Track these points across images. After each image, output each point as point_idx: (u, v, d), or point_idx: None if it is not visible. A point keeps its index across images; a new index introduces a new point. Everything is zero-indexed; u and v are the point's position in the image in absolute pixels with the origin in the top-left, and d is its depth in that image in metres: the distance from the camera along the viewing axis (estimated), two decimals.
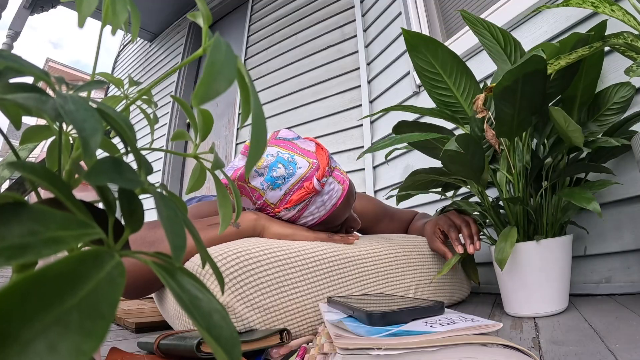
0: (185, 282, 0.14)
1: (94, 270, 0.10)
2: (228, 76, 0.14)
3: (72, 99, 0.13)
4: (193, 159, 0.21)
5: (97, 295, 0.10)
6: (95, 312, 0.09)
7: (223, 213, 0.21)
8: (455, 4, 1.45)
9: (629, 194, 0.77)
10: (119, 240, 0.15)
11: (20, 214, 0.11)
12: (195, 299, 0.14)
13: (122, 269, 0.11)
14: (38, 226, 0.11)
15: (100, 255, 0.11)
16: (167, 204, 0.15)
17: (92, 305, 0.09)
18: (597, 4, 0.57)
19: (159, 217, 0.14)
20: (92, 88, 0.16)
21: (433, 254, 0.80)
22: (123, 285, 0.11)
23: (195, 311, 0.13)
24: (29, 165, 0.12)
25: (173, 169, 2.89)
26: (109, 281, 0.10)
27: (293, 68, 2.10)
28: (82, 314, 0.09)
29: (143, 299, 1.09)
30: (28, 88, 0.14)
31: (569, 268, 0.65)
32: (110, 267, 0.11)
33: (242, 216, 0.67)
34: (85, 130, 0.12)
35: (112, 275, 0.11)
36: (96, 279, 0.10)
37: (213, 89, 0.13)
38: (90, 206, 0.16)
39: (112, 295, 0.10)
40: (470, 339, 0.32)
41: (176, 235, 0.14)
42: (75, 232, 0.11)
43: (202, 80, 0.13)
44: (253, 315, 0.54)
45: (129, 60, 4.00)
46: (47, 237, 0.11)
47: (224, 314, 0.14)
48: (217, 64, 0.14)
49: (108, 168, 0.14)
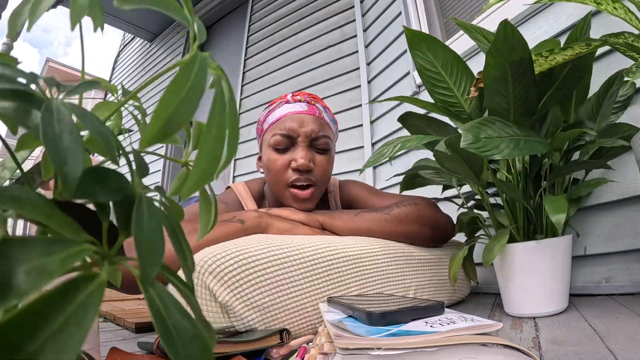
0: (170, 303, 0.13)
1: (63, 305, 0.10)
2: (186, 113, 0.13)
3: (58, 115, 0.12)
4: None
5: (63, 333, 0.09)
6: (61, 350, 0.09)
7: (204, 220, 0.21)
8: (455, 4, 1.45)
9: (629, 194, 0.77)
10: (114, 246, 0.14)
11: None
12: (178, 323, 0.13)
13: (101, 292, 0.11)
14: (18, 259, 0.10)
15: (76, 286, 0.10)
16: (153, 214, 0.14)
17: (58, 343, 0.09)
18: (600, 1, 0.57)
19: (134, 230, 0.13)
20: (84, 90, 0.16)
21: (433, 254, 0.80)
22: (96, 312, 0.10)
23: (178, 337, 0.12)
24: (8, 192, 0.11)
25: (173, 169, 2.89)
26: (79, 314, 0.10)
27: (293, 68, 2.10)
28: (46, 356, 0.09)
29: (143, 298, 1.09)
30: (20, 94, 0.13)
31: (569, 268, 0.65)
32: (86, 294, 0.10)
33: (246, 214, 0.69)
34: (67, 164, 0.11)
35: (85, 305, 0.10)
36: (64, 314, 0.10)
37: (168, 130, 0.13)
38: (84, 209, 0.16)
39: (81, 330, 0.10)
40: (470, 339, 0.32)
41: (150, 254, 0.13)
42: (61, 255, 0.11)
43: (152, 125, 0.12)
44: (253, 314, 0.54)
45: (129, 60, 4.00)
46: (29, 269, 0.10)
47: (206, 344, 0.13)
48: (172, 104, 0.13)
49: (90, 182, 0.13)
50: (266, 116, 0.81)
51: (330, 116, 0.83)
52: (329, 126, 0.81)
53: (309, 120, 0.77)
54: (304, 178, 0.75)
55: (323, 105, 0.82)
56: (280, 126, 0.76)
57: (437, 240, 0.81)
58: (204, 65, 0.14)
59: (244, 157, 2.23)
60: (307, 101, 0.80)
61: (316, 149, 0.78)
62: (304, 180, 0.75)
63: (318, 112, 0.79)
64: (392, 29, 1.58)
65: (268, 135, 0.78)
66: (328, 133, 0.79)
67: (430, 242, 0.80)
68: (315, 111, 0.79)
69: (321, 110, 0.80)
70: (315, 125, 0.77)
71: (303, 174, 0.75)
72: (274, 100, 0.82)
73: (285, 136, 0.75)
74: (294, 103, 0.79)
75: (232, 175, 2.26)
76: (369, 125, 1.62)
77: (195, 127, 0.21)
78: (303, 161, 0.74)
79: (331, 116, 0.83)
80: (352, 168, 1.63)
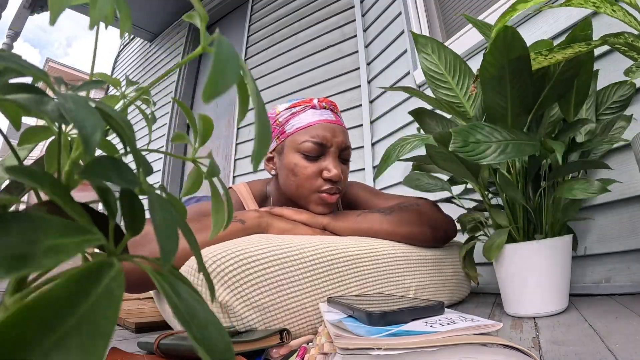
0: (183, 291, 0.14)
1: (92, 286, 0.10)
2: (234, 70, 0.14)
3: (72, 98, 0.13)
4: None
5: (95, 313, 0.10)
6: (94, 331, 0.09)
7: (215, 219, 0.21)
8: (455, 4, 1.45)
9: (629, 194, 0.77)
10: (119, 245, 0.14)
11: (20, 222, 0.11)
12: (192, 309, 0.14)
13: (121, 278, 0.11)
14: (38, 234, 0.10)
15: (99, 268, 0.11)
16: (163, 206, 0.15)
17: (91, 324, 0.09)
18: (599, 4, 0.57)
19: (152, 219, 0.14)
20: (91, 88, 0.16)
21: (433, 254, 0.80)
22: (121, 297, 0.11)
23: (192, 321, 0.13)
24: (27, 169, 0.12)
25: (173, 169, 2.89)
26: (107, 296, 0.10)
27: (293, 68, 2.10)
28: (82, 335, 0.09)
29: (143, 298, 1.09)
30: (28, 88, 0.14)
31: (569, 268, 0.65)
32: (109, 279, 0.11)
33: (246, 214, 0.69)
34: (86, 128, 0.12)
35: (110, 288, 0.10)
36: (94, 295, 0.10)
37: (221, 84, 0.13)
38: (89, 209, 0.16)
39: (111, 311, 0.10)
40: (470, 339, 0.32)
41: (168, 239, 0.14)
42: (76, 239, 0.11)
43: (211, 76, 0.13)
44: (252, 314, 0.54)
45: (129, 60, 4.00)
46: (47, 246, 0.10)
47: (220, 327, 0.14)
48: (223, 60, 0.14)
49: (106, 166, 0.13)
50: (289, 118, 0.79)
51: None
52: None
53: (339, 130, 0.78)
54: (335, 188, 0.76)
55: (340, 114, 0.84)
56: (313, 133, 0.76)
57: (439, 241, 0.81)
58: (227, 40, 0.15)
59: (244, 157, 2.23)
60: (332, 109, 0.80)
61: (342, 159, 0.79)
62: (335, 189, 0.76)
63: (342, 121, 0.81)
64: (392, 29, 1.58)
65: (296, 139, 0.77)
66: (350, 143, 0.81)
67: (431, 243, 0.80)
68: (340, 121, 0.80)
69: (343, 120, 0.82)
70: (344, 136, 0.79)
71: (335, 184, 0.76)
72: (298, 102, 0.80)
73: (319, 144, 0.75)
74: (321, 110, 0.79)
75: (232, 175, 2.26)
76: (369, 125, 1.62)
77: (200, 121, 0.22)
78: (337, 172, 0.75)
79: None
80: (352, 168, 1.63)
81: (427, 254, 0.78)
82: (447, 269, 0.81)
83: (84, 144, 0.11)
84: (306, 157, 0.76)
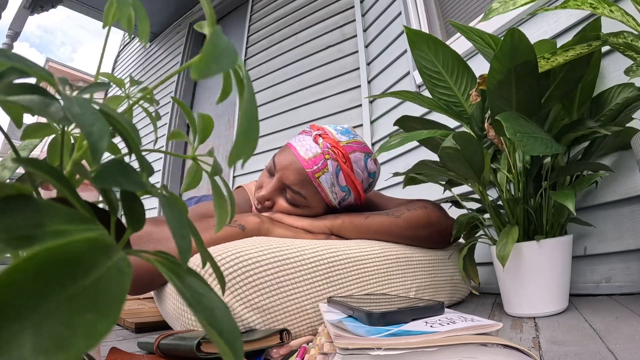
0: (189, 280, 0.14)
1: (104, 258, 0.10)
2: (231, 55, 0.14)
3: (77, 101, 0.13)
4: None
5: (108, 280, 0.10)
6: (107, 294, 0.10)
7: (219, 215, 0.21)
8: (455, 4, 1.45)
9: (629, 194, 0.77)
10: (121, 240, 0.15)
11: (27, 207, 0.11)
12: (198, 295, 0.14)
13: (128, 262, 0.11)
14: (44, 219, 0.11)
15: (108, 247, 0.11)
16: (172, 207, 0.15)
17: (104, 288, 0.10)
18: (596, 5, 0.57)
19: (167, 221, 0.15)
20: (96, 90, 0.16)
21: (433, 255, 0.80)
22: (130, 276, 0.11)
23: (198, 306, 0.13)
24: (33, 160, 0.12)
25: (173, 169, 2.89)
26: (117, 270, 0.10)
27: (293, 68, 2.10)
28: (96, 295, 0.09)
29: (143, 298, 1.09)
30: (32, 89, 0.14)
31: (569, 268, 0.65)
32: (118, 258, 0.11)
33: (247, 219, 0.69)
34: (93, 135, 0.12)
35: (120, 265, 0.11)
36: (107, 265, 0.10)
37: (215, 64, 0.13)
38: (91, 205, 0.16)
39: (122, 284, 0.10)
40: (470, 339, 0.32)
41: (182, 238, 0.14)
42: (80, 227, 0.11)
43: (204, 53, 0.13)
44: (253, 315, 0.54)
45: (128, 60, 4.00)
46: (52, 230, 0.11)
47: (226, 310, 0.14)
48: (219, 45, 0.14)
49: (115, 172, 0.14)
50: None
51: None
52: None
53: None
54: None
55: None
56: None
57: (443, 243, 0.81)
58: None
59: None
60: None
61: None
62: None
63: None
64: (392, 29, 1.58)
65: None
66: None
67: (436, 245, 0.80)
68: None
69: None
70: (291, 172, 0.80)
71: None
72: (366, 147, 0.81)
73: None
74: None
75: (232, 175, 2.26)
76: (369, 125, 1.62)
77: (199, 119, 0.22)
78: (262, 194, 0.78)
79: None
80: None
81: (428, 256, 0.78)
82: (448, 269, 0.81)
83: (92, 152, 0.12)
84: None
